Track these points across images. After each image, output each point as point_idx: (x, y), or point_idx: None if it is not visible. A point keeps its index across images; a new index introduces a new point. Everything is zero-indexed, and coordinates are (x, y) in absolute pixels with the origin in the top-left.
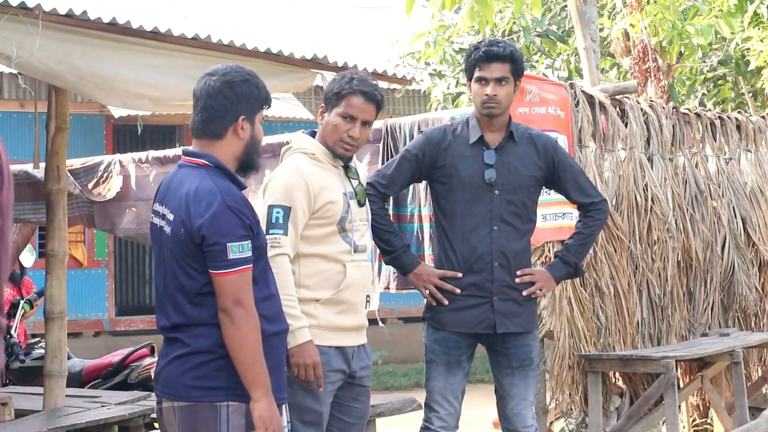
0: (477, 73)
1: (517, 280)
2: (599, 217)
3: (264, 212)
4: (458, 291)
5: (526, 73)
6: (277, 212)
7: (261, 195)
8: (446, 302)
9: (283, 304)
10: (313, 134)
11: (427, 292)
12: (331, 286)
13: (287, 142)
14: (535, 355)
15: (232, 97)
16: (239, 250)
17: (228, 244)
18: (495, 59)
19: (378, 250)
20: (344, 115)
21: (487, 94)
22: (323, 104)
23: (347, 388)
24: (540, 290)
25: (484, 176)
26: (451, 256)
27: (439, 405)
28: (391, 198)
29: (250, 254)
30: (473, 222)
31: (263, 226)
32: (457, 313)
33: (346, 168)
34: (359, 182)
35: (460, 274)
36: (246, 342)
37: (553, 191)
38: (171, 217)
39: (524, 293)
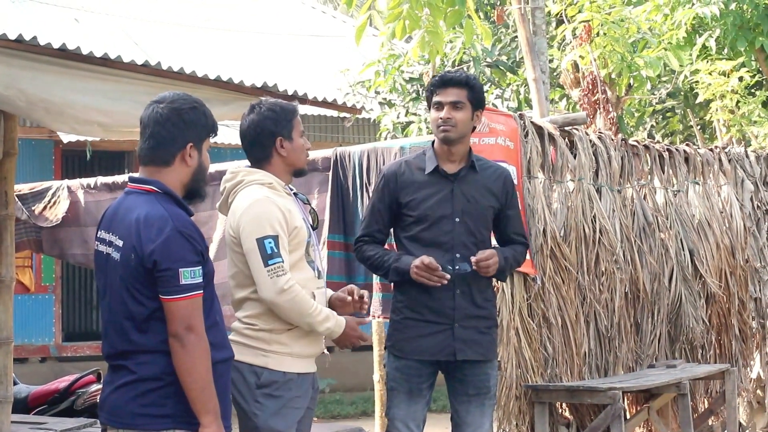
0: (434, 98)
1: (474, 259)
2: (521, 252)
3: (253, 247)
4: (448, 277)
5: None
6: (269, 242)
7: (227, 228)
8: (447, 278)
9: (314, 318)
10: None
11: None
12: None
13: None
14: (493, 384)
15: (180, 125)
16: (191, 275)
17: (180, 269)
18: (450, 84)
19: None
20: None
21: (441, 117)
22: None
23: None
24: (489, 267)
25: (442, 206)
26: (414, 285)
27: None
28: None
29: (201, 280)
30: (436, 252)
31: (258, 260)
32: (418, 341)
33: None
34: (311, 207)
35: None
36: (197, 367)
37: None
38: (120, 243)
39: (474, 260)
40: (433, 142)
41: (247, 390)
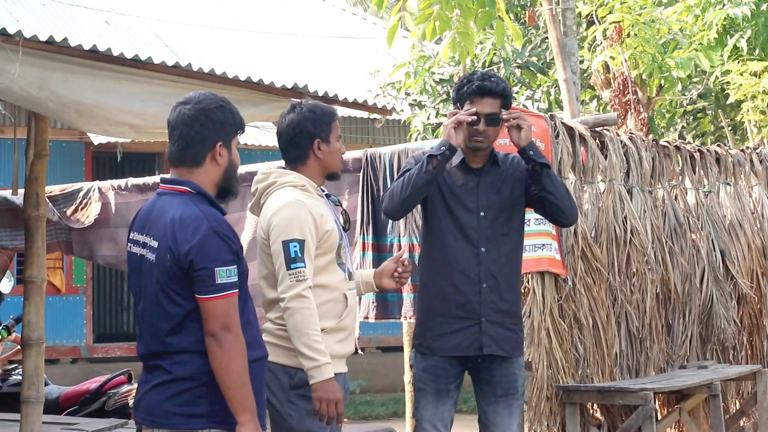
0: (467, 106)
1: (504, 115)
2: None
3: (278, 249)
4: (474, 111)
5: None
6: (294, 246)
7: (259, 230)
8: (472, 118)
9: (311, 338)
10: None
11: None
12: (334, 315)
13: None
14: (520, 384)
15: (208, 125)
16: (227, 274)
17: (216, 268)
18: (488, 94)
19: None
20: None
21: (477, 129)
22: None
23: None
24: (520, 125)
25: (469, 198)
26: (440, 277)
27: None
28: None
29: (237, 279)
30: (461, 244)
31: (281, 262)
32: (445, 338)
33: (327, 196)
34: (343, 208)
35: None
36: (233, 366)
37: (531, 221)
38: (154, 244)
39: (504, 115)
40: None
41: (280, 391)
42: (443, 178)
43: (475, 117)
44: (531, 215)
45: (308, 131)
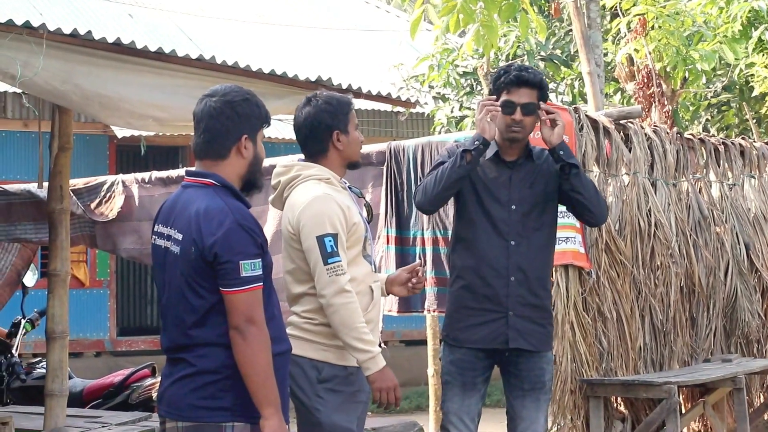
0: (504, 96)
1: (543, 106)
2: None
3: (313, 244)
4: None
5: None
6: (329, 240)
7: (285, 223)
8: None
9: (360, 332)
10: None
11: (488, 114)
12: (360, 308)
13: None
14: (548, 379)
15: (234, 117)
16: (251, 267)
17: (240, 261)
18: (525, 85)
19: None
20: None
21: (514, 119)
22: None
23: None
24: (556, 121)
25: (501, 191)
26: (469, 269)
27: (455, 427)
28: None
29: (261, 272)
30: (491, 236)
31: (317, 258)
32: (472, 330)
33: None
34: (365, 200)
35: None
36: (258, 360)
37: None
38: (179, 237)
39: (543, 106)
40: None
41: (308, 385)
42: (476, 171)
43: (498, 108)
44: None
45: (326, 123)
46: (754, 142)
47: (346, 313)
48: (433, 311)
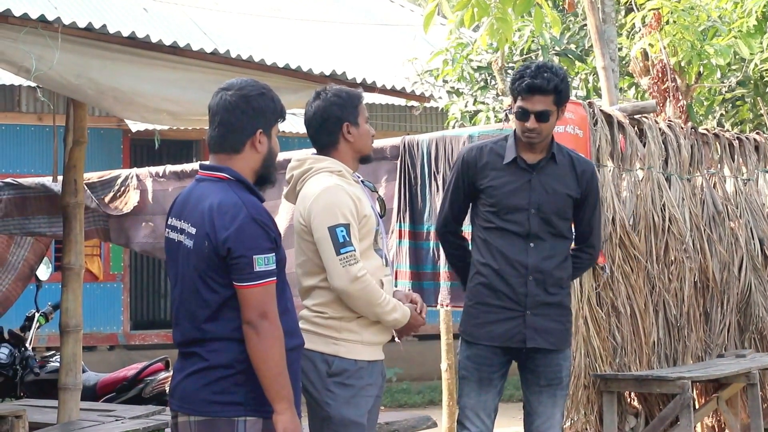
0: (519, 102)
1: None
2: (587, 261)
3: (325, 235)
4: None
5: None
6: (341, 230)
7: (297, 216)
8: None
9: (383, 307)
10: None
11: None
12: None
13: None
14: (565, 375)
15: (249, 111)
16: (265, 262)
17: (254, 256)
18: (538, 92)
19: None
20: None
21: (527, 126)
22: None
23: None
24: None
25: (518, 196)
26: (487, 268)
27: (471, 422)
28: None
29: (275, 267)
30: (510, 238)
31: (329, 248)
32: (488, 327)
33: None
34: (378, 194)
35: None
36: (271, 354)
37: None
38: (192, 230)
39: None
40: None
41: (318, 379)
42: (495, 173)
43: None
44: None
45: (336, 116)
46: None
47: (365, 296)
48: (446, 306)
